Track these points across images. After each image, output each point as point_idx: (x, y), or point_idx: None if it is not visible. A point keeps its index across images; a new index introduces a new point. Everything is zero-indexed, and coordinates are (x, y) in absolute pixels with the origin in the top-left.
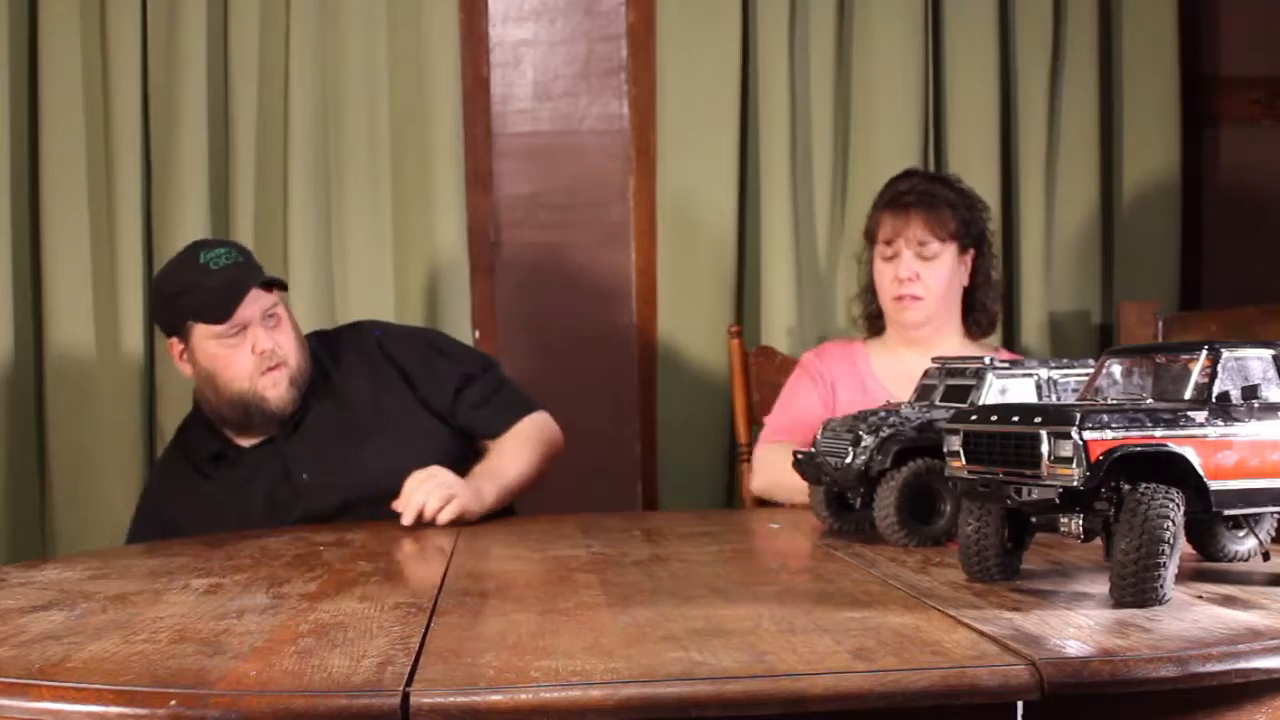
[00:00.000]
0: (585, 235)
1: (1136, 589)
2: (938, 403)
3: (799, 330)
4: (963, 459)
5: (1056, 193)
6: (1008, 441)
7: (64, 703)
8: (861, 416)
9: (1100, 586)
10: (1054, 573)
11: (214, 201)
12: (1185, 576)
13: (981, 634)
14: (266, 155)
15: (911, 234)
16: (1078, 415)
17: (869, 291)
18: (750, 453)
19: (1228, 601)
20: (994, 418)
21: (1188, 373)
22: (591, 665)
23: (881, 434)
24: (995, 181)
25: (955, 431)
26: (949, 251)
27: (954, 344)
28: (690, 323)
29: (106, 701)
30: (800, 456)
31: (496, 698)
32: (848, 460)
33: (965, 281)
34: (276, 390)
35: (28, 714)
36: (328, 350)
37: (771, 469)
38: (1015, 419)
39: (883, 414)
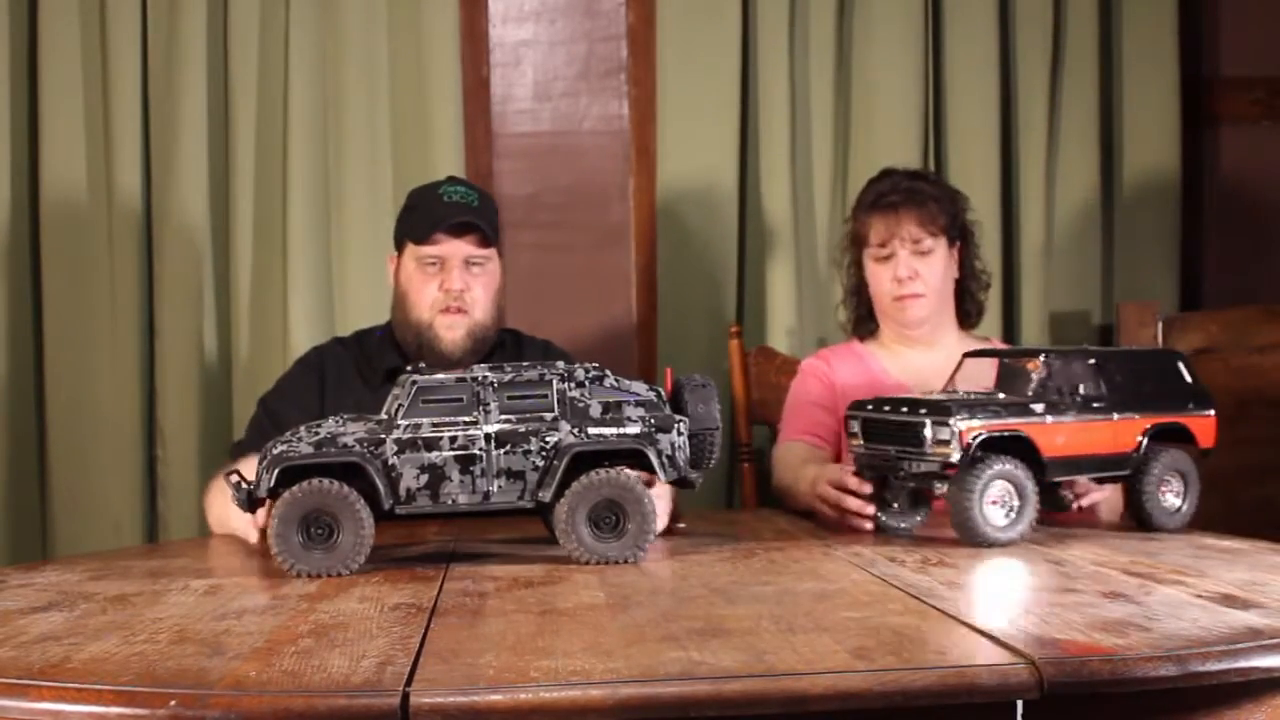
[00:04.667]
0: (585, 235)
1: (965, 526)
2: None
3: (799, 330)
4: (861, 439)
5: (1056, 193)
6: (898, 427)
7: (64, 703)
8: (310, 428)
9: (1101, 586)
10: (1053, 572)
11: (214, 202)
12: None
13: (981, 634)
14: (266, 155)
15: (905, 233)
16: (953, 408)
17: (857, 295)
18: (750, 453)
19: (1227, 600)
20: (887, 408)
21: (1028, 373)
22: (591, 665)
23: (273, 452)
24: (995, 181)
25: (856, 418)
26: (941, 246)
27: (952, 339)
28: (690, 323)
29: (106, 702)
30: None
31: (496, 698)
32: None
33: (955, 274)
34: (452, 333)
35: (28, 714)
36: (515, 344)
37: (784, 466)
38: (905, 410)
39: (306, 431)
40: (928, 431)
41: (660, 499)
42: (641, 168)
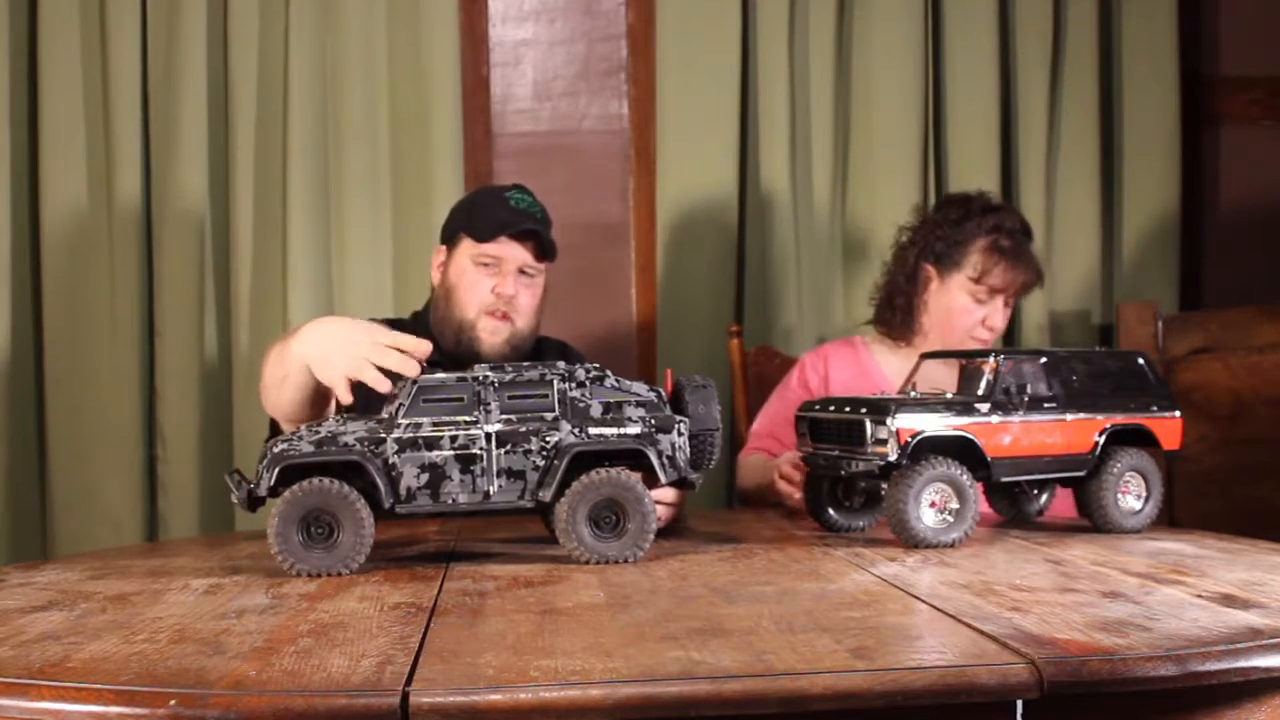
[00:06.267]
0: (585, 235)
1: (899, 527)
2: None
3: (799, 330)
4: (809, 439)
5: (1056, 193)
6: (841, 426)
7: (64, 703)
8: (310, 427)
9: (1101, 586)
10: (1054, 572)
11: (214, 201)
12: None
13: (981, 634)
14: (266, 155)
15: (1015, 289)
16: (892, 406)
17: (903, 292)
18: None
19: (1227, 600)
20: (831, 408)
21: (981, 372)
22: (591, 665)
23: (273, 450)
24: (995, 183)
25: (804, 419)
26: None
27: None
28: (690, 323)
29: (106, 701)
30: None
31: (496, 697)
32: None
33: None
34: (494, 338)
35: (28, 714)
36: (536, 346)
37: (748, 471)
38: (847, 409)
39: (306, 430)
40: (867, 430)
41: (666, 503)
42: (641, 168)
